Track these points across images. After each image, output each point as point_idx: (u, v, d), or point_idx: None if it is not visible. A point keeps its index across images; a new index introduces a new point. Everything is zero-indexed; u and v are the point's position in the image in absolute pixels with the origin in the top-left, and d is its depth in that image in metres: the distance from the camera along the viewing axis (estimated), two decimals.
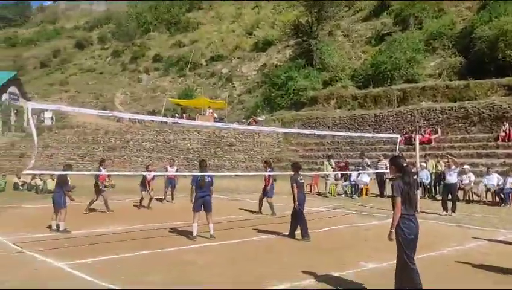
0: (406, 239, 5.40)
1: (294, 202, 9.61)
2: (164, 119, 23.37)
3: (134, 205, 14.78)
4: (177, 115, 33.88)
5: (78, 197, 11.63)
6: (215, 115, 33.82)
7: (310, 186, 19.01)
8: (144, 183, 14.71)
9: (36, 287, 6.06)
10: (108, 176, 21.08)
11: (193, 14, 59.46)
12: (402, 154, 16.71)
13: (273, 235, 9.94)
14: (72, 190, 11.57)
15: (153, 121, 31.87)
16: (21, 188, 19.95)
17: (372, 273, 6.87)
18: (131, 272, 6.90)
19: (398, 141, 16.54)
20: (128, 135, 31.16)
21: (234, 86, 42.54)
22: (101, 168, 13.89)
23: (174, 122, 30.48)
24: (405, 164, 5.70)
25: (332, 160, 20.12)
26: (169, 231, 10.41)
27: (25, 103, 39.41)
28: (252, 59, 44.63)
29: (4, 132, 35.58)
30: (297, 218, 9.60)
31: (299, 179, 9.84)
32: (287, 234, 9.73)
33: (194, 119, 30.62)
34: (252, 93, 39.46)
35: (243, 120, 32.78)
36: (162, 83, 48.04)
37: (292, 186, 9.68)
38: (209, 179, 9.72)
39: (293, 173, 10.09)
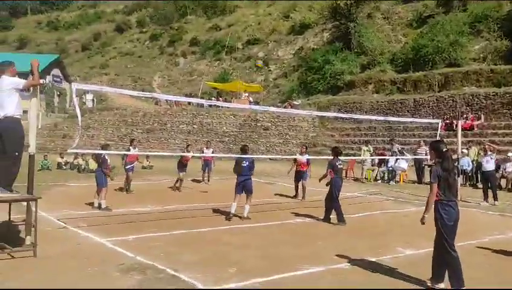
0: (445, 225, 5.31)
1: (330, 186, 9.61)
2: (201, 101, 23.56)
3: (169, 187, 15.02)
4: (213, 98, 34.14)
5: (117, 177, 12.01)
6: (251, 98, 33.85)
7: (346, 171, 18.82)
8: (181, 164, 14.80)
9: (81, 259, 6.35)
10: (147, 156, 21.67)
11: None
12: (443, 140, 16.23)
13: (309, 219, 9.96)
14: (111, 169, 11.90)
15: (190, 103, 32.25)
16: (64, 167, 20.69)
17: (409, 259, 6.79)
18: (170, 250, 7.09)
19: (439, 126, 16.08)
20: (165, 118, 31.67)
21: (270, 70, 42.32)
22: (130, 148, 14.17)
23: (211, 105, 30.77)
24: (445, 149, 5.56)
25: (370, 145, 19.83)
26: (206, 212, 10.61)
27: (69, 84, 40.77)
28: (289, 43, 44.16)
29: (48, 113, 36.83)
30: (332, 202, 9.58)
31: (337, 163, 9.81)
32: (322, 218, 9.73)
33: (230, 102, 30.78)
34: (288, 77, 39.16)
35: (279, 104, 32.65)
36: (199, 67, 48.37)
37: (328, 171, 9.67)
38: (247, 163, 9.82)
39: (332, 157, 10.06)
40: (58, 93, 42.10)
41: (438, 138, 15.44)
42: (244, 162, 9.83)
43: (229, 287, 5.44)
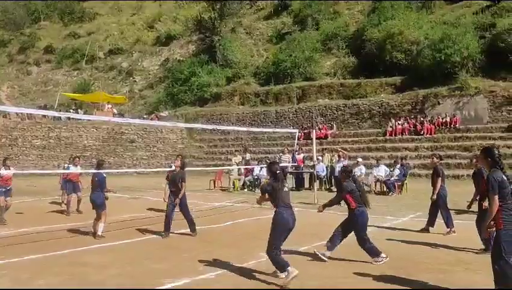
0: (276, 226, 6.08)
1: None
2: (58, 113, 21.77)
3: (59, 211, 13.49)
4: (72, 110, 31.86)
5: None
6: (115, 110, 32.43)
7: (214, 181, 19.10)
8: (68, 181, 12.99)
9: None
10: None
11: (89, 4, 56.21)
12: (277, 162, 17.44)
13: (174, 232, 9.80)
14: None
15: (44, 116, 29.58)
16: None
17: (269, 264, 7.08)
18: (20, 277, 6.36)
19: (297, 136, 17.24)
20: (16, 132, 28.61)
21: (135, 81, 41.13)
22: (3, 168, 12.28)
23: (69, 118, 28.66)
24: (278, 171, 6.20)
25: (239, 155, 20.32)
26: (63, 233, 9.78)
27: None
28: (154, 53, 43.49)
29: None
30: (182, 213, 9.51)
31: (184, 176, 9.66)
32: (188, 230, 9.62)
33: (91, 114, 29.03)
34: (154, 88, 38.51)
35: (145, 116, 31.84)
36: (55, 76, 44.86)
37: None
38: (97, 178, 9.32)
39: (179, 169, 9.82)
40: None
41: (295, 147, 16.58)
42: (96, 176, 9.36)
43: None
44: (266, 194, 6.25)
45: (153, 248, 8.36)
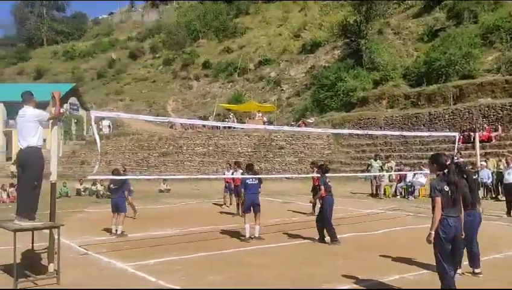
0: (439, 240, 5.18)
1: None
2: (217, 123, 23.77)
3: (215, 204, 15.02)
4: (229, 118, 34.40)
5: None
6: (265, 118, 34.00)
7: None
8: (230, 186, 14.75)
9: (105, 287, 6.38)
10: (164, 180, 21.84)
11: (240, 20, 60.11)
12: (445, 153, 16.13)
13: (328, 237, 9.84)
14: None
15: (204, 126, 32.49)
16: (83, 193, 20.94)
17: (433, 275, 6.66)
18: (191, 272, 7.09)
19: (456, 139, 15.93)
20: (181, 141, 31.95)
21: (283, 90, 42.58)
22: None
23: (225, 127, 30.96)
24: (448, 162, 5.39)
25: (379, 159, 19.59)
26: (225, 234, 10.59)
27: (88, 112, 41.48)
28: (300, 61, 44.47)
29: (66, 141, 37.46)
30: (324, 222, 9.39)
31: (327, 180, 9.63)
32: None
33: (244, 123, 30.93)
34: (301, 95, 39.32)
35: (293, 123, 32.71)
36: (212, 89, 48.90)
37: (320, 188, 9.51)
38: (255, 181, 9.90)
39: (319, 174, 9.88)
40: (76, 120, 42.82)
41: (455, 152, 15.31)
42: (251, 179, 9.92)
43: None
44: (436, 198, 5.17)
45: (309, 252, 8.54)
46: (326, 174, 9.79)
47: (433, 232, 5.20)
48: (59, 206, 7.01)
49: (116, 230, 10.54)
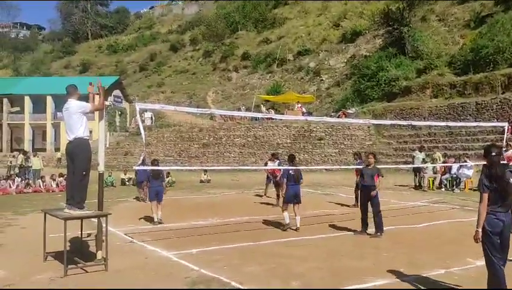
0: (487, 236, 4.98)
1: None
2: (255, 114, 23.82)
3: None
4: (269, 109, 34.35)
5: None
6: (304, 109, 33.76)
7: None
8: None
9: (149, 272, 6.59)
10: (205, 171, 22.21)
11: (279, 10, 59.75)
12: (496, 144, 15.49)
13: (370, 230, 9.72)
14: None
15: (244, 117, 32.65)
16: (127, 183, 21.58)
17: (480, 271, 6.46)
18: (232, 262, 7.19)
19: (506, 129, 15.24)
20: (220, 132, 32.27)
21: (322, 80, 42.08)
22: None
23: (265, 118, 30.98)
24: (494, 153, 5.08)
25: (423, 151, 19.07)
26: (265, 224, 10.66)
27: (132, 104, 42.67)
28: (340, 51, 43.76)
29: (111, 133, 38.63)
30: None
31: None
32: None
33: (283, 114, 30.84)
34: (341, 85, 38.73)
35: (332, 113, 32.33)
36: (251, 80, 48.97)
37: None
38: (294, 172, 9.94)
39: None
40: (119, 112, 44.07)
41: (504, 143, 14.68)
42: (293, 171, 9.93)
43: None
44: (483, 195, 4.96)
45: (349, 245, 8.47)
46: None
47: (480, 230, 5.02)
48: (105, 195, 7.25)
49: (159, 219, 10.83)
